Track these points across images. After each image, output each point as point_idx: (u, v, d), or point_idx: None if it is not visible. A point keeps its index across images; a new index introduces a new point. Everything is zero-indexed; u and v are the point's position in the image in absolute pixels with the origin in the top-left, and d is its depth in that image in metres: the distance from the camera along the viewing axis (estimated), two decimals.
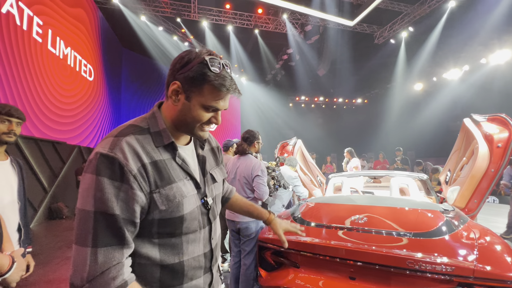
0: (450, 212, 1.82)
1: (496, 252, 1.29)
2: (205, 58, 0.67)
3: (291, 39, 12.06)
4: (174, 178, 0.68)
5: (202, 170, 0.79)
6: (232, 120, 16.75)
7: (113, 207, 0.57)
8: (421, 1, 10.25)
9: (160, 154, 0.67)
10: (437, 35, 11.33)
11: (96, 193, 0.57)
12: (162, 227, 0.66)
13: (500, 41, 10.44)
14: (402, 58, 13.14)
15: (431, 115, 14.79)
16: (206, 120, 0.71)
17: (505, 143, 2.34)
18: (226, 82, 0.68)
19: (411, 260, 1.20)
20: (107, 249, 0.57)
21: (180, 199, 0.67)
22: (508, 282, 1.12)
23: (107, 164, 0.58)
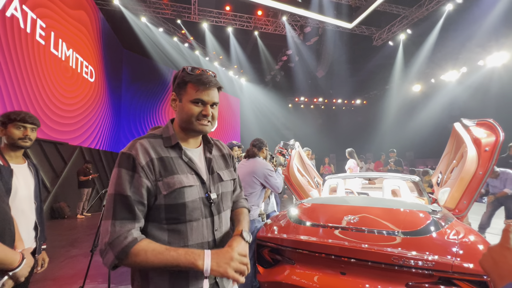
0: (437, 212, 1.93)
1: (475, 249, 1.40)
2: (186, 68, 0.88)
3: (290, 41, 12.18)
4: (178, 171, 0.84)
5: (208, 168, 0.93)
6: (231, 121, 16.84)
7: (126, 189, 0.77)
8: (419, 4, 10.38)
9: (168, 153, 0.86)
10: (434, 37, 11.46)
11: (116, 180, 0.78)
12: (169, 213, 0.81)
13: (497, 44, 10.58)
14: (400, 60, 13.27)
15: (429, 116, 14.91)
16: (197, 114, 0.86)
17: (492, 147, 2.46)
18: (203, 78, 0.85)
19: (396, 256, 1.31)
20: (122, 221, 0.75)
21: (179, 187, 0.81)
22: (483, 277, 1.23)
23: (124, 159, 0.80)
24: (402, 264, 1.31)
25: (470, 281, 1.24)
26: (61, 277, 3.12)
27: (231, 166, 1.05)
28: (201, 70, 0.88)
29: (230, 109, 16.84)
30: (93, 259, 2.72)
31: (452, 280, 1.27)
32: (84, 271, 2.94)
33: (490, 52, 10.61)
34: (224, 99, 16.31)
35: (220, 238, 0.90)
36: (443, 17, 10.54)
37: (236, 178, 1.05)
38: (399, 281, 1.34)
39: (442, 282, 1.29)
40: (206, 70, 0.90)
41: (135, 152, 0.80)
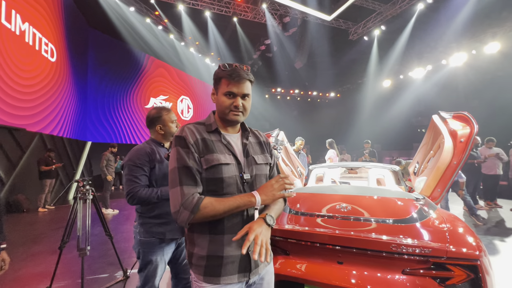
0: (421, 200, 2.01)
1: (462, 235, 1.46)
2: (221, 65, 1.02)
3: (270, 30, 11.99)
4: (217, 150, 0.99)
5: (243, 152, 1.05)
6: (208, 109, 16.40)
7: (187, 161, 0.94)
8: (393, 1, 10.75)
9: (209, 136, 1.02)
10: (406, 35, 12.02)
11: (177, 156, 0.96)
12: (209, 185, 0.96)
13: (458, 45, 11.38)
14: (374, 55, 13.77)
15: (397, 110, 15.84)
16: (229, 105, 1.00)
17: (467, 139, 2.61)
18: (233, 73, 0.98)
19: (395, 244, 1.32)
20: (188, 187, 0.92)
21: (217, 163, 0.96)
22: (473, 260, 1.29)
23: (178, 140, 0.98)
24: (399, 251, 1.32)
25: (462, 265, 1.29)
26: (22, 277, 2.80)
27: (267, 152, 1.16)
28: (235, 65, 1.01)
29: (207, 97, 16.37)
30: (62, 256, 2.47)
31: (446, 265, 1.31)
32: (50, 270, 2.67)
33: (451, 53, 11.39)
34: (201, 86, 15.79)
35: (253, 214, 1.02)
36: (414, 16, 11.05)
37: (271, 163, 1.15)
38: (396, 268, 1.36)
39: (435, 268, 1.33)
40: (240, 65, 1.02)
41: (185, 134, 0.98)
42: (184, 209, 0.89)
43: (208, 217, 0.91)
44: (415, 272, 1.34)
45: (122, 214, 5.76)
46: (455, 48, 11.18)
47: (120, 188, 10.16)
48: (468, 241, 1.38)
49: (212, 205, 0.90)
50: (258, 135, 1.18)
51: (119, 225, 4.88)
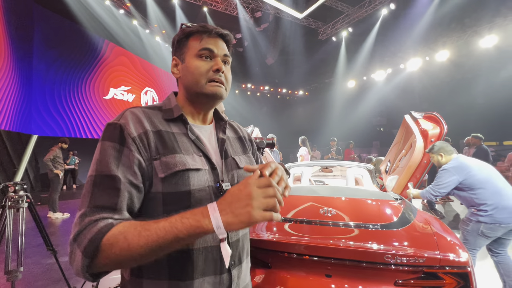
0: (399, 200, 1.98)
1: (449, 240, 1.43)
2: (183, 24, 0.73)
3: (242, 24, 11.70)
4: (181, 150, 0.65)
5: (221, 152, 0.73)
6: None
7: (112, 168, 0.57)
8: (359, 5, 11.19)
9: (168, 127, 0.67)
10: (370, 38, 12.64)
11: (99, 157, 0.58)
12: (168, 204, 0.60)
13: (414, 51, 12.27)
14: (341, 56, 14.29)
15: (360, 110, 16.75)
16: (205, 70, 0.68)
17: (437, 138, 2.70)
18: (207, 26, 0.70)
19: (389, 254, 1.22)
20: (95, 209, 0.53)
21: (182, 168, 0.61)
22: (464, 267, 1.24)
23: (111, 131, 0.61)
24: (393, 262, 1.23)
25: (453, 273, 1.23)
26: None
27: (250, 152, 0.85)
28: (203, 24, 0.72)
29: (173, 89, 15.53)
30: None
31: (437, 274, 1.24)
32: None
33: (407, 59, 12.26)
34: (168, 79, 14.90)
35: (236, 242, 0.70)
36: (378, 21, 11.64)
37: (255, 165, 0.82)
38: (388, 280, 1.27)
39: (427, 277, 1.26)
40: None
41: (124, 120, 0.62)
42: (77, 248, 0.50)
43: (116, 265, 0.50)
44: (407, 283, 1.25)
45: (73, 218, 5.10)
46: (412, 54, 12.04)
47: (73, 188, 9.14)
48: (456, 247, 1.33)
49: (125, 238, 0.48)
50: (237, 128, 0.88)
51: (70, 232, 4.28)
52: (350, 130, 16.52)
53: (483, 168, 2.07)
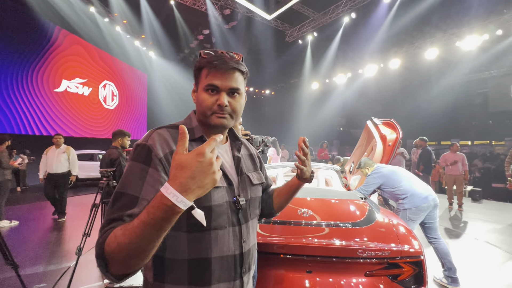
0: (365, 200, 2.23)
1: (406, 234, 1.67)
2: (201, 52, 0.76)
3: (211, 20, 11.51)
4: None
5: (237, 169, 0.80)
6: (136, 99, 14.72)
7: (136, 189, 0.61)
8: (324, 11, 11.80)
9: (191, 146, 0.71)
10: (334, 44, 13.42)
11: (126, 176, 0.64)
12: (191, 218, 0.58)
13: (370, 58, 13.35)
14: (307, 58, 14.91)
15: (323, 111, 17.73)
16: (210, 104, 0.72)
17: (394, 143, 3.05)
18: (214, 60, 0.72)
19: (361, 250, 1.41)
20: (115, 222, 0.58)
21: None
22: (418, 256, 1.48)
23: (138, 151, 0.66)
24: (365, 256, 1.41)
25: (410, 262, 1.47)
26: None
27: (259, 168, 0.93)
28: (221, 52, 0.75)
29: (137, 84, 14.66)
30: None
31: (398, 264, 1.46)
32: None
33: (364, 65, 13.33)
34: (129, 72, 13.98)
35: (248, 252, 0.77)
36: (341, 28, 12.41)
37: (264, 182, 0.94)
38: (360, 272, 1.45)
39: (390, 267, 1.47)
40: (227, 52, 0.76)
41: (152, 142, 0.67)
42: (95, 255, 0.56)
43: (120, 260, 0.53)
44: (374, 273, 1.45)
45: (24, 226, 4.59)
46: (369, 61, 13.08)
47: (17, 190, 8.14)
48: (412, 240, 1.58)
49: (115, 237, 0.53)
50: (248, 145, 0.95)
51: (22, 243, 3.86)
52: (314, 129, 17.39)
53: (397, 170, 2.62)
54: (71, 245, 3.63)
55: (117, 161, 2.91)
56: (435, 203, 2.42)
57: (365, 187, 2.58)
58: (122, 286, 2.58)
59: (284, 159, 8.66)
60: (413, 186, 2.47)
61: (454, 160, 5.73)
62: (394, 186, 2.51)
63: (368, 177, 2.62)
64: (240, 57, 0.78)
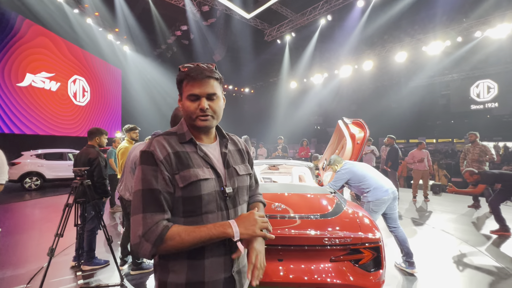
0: (334, 194, 2.41)
1: (367, 223, 1.85)
2: (180, 67, 0.91)
3: (189, 16, 11.31)
4: (194, 165, 0.86)
5: (224, 163, 0.94)
6: (109, 95, 14.11)
7: (153, 183, 0.81)
8: (302, 13, 12.07)
9: (183, 148, 0.89)
10: (311, 44, 13.78)
11: (142, 177, 0.82)
12: (186, 205, 0.84)
13: (346, 59, 13.91)
14: (285, 58, 15.17)
15: (301, 109, 18.17)
16: (194, 109, 0.87)
17: (362, 141, 3.28)
18: (192, 71, 0.86)
19: (327, 238, 1.55)
20: (152, 214, 0.79)
21: (195, 179, 0.83)
22: (377, 242, 1.66)
23: (145, 157, 0.84)
24: (330, 243, 1.56)
25: (370, 248, 1.64)
26: None
27: (247, 161, 1.05)
28: (197, 64, 0.89)
29: (108, 81, 14.04)
30: None
31: (359, 249, 1.63)
32: None
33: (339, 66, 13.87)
34: (102, 67, 13.34)
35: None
36: (318, 30, 12.78)
37: (251, 173, 1.06)
38: (326, 258, 1.60)
39: (352, 252, 1.64)
40: (201, 63, 0.90)
41: (153, 148, 0.85)
42: (146, 241, 0.77)
43: (173, 250, 0.79)
44: (339, 259, 1.61)
45: None
46: (344, 62, 13.63)
47: None
48: (371, 228, 1.76)
49: (180, 236, 0.78)
50: (236, 141, 1.07)
51: None
52: (292, 127, 17.77)
53: (362, 166, 2.86)
54: (41, 248, 3.48)
55: (95, 161, 2.84)
56: (394, 196, 2.67)
57: (335, 182, 2.78)
58: (100, 285, 2.56)
59: (262, 157, 8.80)
60: (376, 181, 2.70)
61: (421, 158, 6.22)
62: (360, 181, 2.73)
63: (337, 173, 2.82)
64: (214, 66, 0.92)
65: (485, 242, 3.67)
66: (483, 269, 2.91)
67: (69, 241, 3.42)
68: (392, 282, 2.58)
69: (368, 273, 1.63)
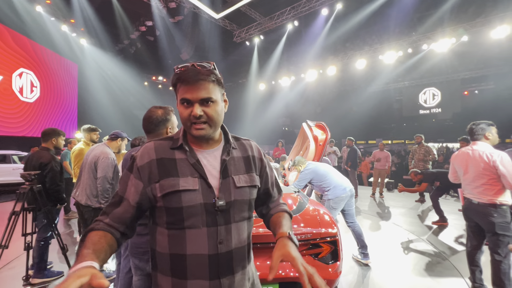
0: (298, 193, 2.54)
1: (326, 219, 2.01)
2: (175, 67, 0.81)
3: (155, 12, 10.88)
4: (177, 173, 0.79)
5: (221, 172, 0.82)
6: (63, 91, 12.94)
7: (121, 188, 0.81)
8: (270, 16, 12.35)
9: (173, 154, 0.82)
10: (279, 48, 14.16)
11: (121, 179, 0.83)
12: (168, 216, 0.78)
13: (312, 63, 14.55)
14: (254, 60, 15.36)
15: (269, 111, 18.53)
16: (187, 116, 0.78)
17: (324, 143, 3.50)
18: (183, 73, 0.77)
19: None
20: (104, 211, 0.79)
21: (171, 190, 0.76)
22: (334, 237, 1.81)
23: (130, 161, 0.84)
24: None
25: (328, 242, 1.78)
26: None
27: (256, 171, 0.90)
28: (191, 64, 0.79)
29: (62, 76, 12.87)
30: None
31: (319, 244, 1.76)
32: None
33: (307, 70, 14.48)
34: (54, 60, 12.16)
35: (226, 254, 0.79)
36: (285, 34, 13.19)
37: (257, 185, 0.89)
38: None
39: (312, 247, 1.76)
40: (198, 62, 0.80)
41: (138, 153, 0.83)
42: None
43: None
44: (302, 254, 1.72)
45: None
46: (310, 66, 14.24)
47: None
48: (330, 223, 1.91)
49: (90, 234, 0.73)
50: (247, 147, 0.92)
51: None
52: (260, 128, 18.05)
53: (324, 167, 3.07)
54: None
55: (48, 165, 2.59)
56: (352, 193, 2.92)
57: (299, 182, 2.93)
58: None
59: None
60: (336, 180, 2.92)
61: (379, 157, 6.79)
62: (321, 180, 2.93)
63: (301, 173, 2.98)
64: (212, 65, 0.81)
65: (427, 232, 4.15)
66: (425, 255, 3.31)
67: (15, 252, 3.10)
68: (349, 272, 2.81)
69: (326, 265, 1.77)
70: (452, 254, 3.31)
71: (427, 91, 16.18)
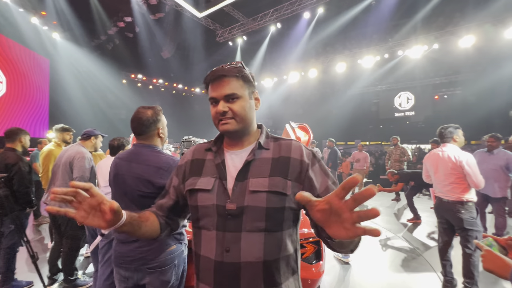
0: None
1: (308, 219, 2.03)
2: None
3: (134, 8, 10.53)
4: (202, 173, 0.83)
5: (239, 174, 0.78)
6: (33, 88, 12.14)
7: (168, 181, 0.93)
8: (253, 18, 12.39)
9: (205, 155, 0.87)
10: (262, 49, 14.27)
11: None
12: (192, 214, 0.83)
13: (294, 65, 14.79)
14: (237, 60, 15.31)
15: None
16: (215, 113, 0.81)
17: (306, 144, 3.55)
18: (209, 75, 0.81)
19: None
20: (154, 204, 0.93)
21: (190, 188, 0.82)
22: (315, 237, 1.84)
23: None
24: None
25: (312, 242, 1.82)
26: None
27: (287, 175, 0.76)
28: (221, 66, 0.82)
29: (32, 71, 12.08)
30: None
31: (303, 245, 1.79)
32: None
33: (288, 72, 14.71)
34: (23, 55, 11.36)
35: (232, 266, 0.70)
36: (268, 36, 13.31)
37: (283, 191, 0.74)
38: None
39: None
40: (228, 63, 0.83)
41: (185, 153, 0.93)
42: None
43: None
44: None
45: None
46: (292, 68, 14.46)
47: None
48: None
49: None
50: (284, 147, 0.81)
51: None
52: None
53: None
54: None
55: (15, 167, 2.41)
56: None
57: None
58: None
59: None
60: None
61: (363, 157, 7.03)
62: None
63: None
64: (239, 63, 0.83)
65: (403, 229, 4.36)
66: (401, 251, 3.47)
67: None
68: (330, 271, 2.88)
69: (310, 265, 1.80)
70: (425, 250, 3.51)
71: (401, 95, 17.01)
